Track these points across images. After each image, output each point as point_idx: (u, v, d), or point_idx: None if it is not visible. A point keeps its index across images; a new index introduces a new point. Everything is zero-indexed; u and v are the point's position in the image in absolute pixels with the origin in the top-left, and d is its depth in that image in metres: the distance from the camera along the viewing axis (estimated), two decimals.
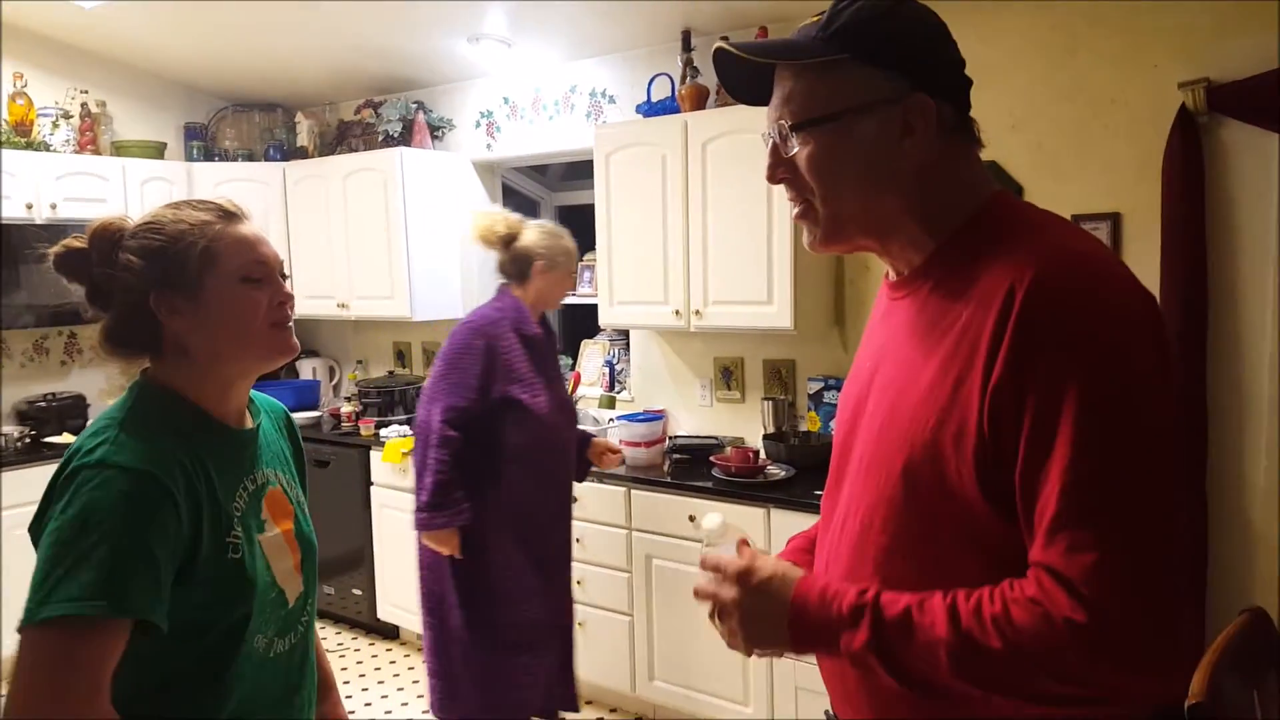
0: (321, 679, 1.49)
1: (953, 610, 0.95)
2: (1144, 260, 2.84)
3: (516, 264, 2.91)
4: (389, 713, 3.65)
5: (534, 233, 2.94)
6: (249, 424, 1.37)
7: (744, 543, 1.21)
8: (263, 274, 1.29)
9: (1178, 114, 2.73)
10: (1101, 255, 1.01)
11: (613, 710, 3.64)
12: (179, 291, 1.24)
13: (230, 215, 1.30)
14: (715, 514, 1.28)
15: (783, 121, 1.08)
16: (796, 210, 1.12)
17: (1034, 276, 0.93)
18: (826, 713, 1.25)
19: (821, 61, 1.04)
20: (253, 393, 1.41)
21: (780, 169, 1.10)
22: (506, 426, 2.80)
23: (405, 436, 4.16)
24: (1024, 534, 0.95)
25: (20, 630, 1.09)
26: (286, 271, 1.36)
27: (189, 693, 1.21)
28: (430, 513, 2.73)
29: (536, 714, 2.93)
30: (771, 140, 1.11)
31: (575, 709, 3.06)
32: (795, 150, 1.07)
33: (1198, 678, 1.64)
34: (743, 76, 1.13)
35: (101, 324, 1.28)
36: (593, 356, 4.32)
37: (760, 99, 1.13)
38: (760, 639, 1.09)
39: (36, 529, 1.17)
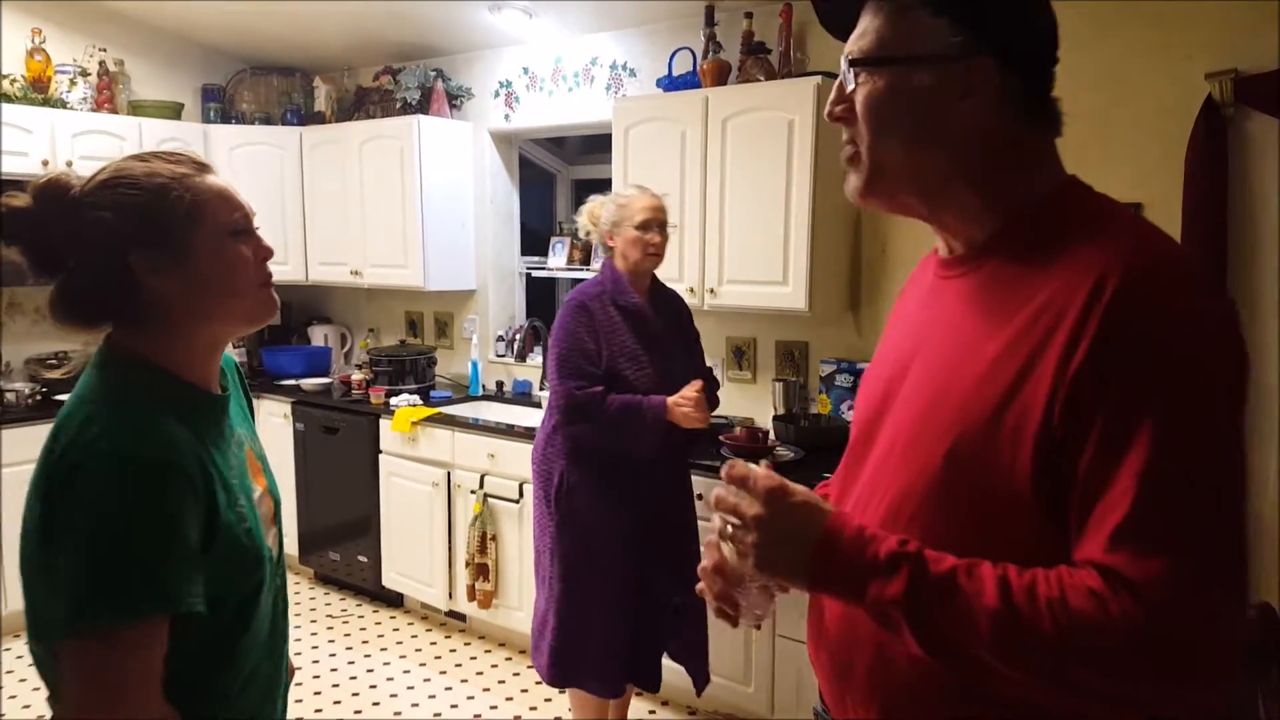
0: None
1: (1004, 582, 0.90)
2: None
3: (600, 237, 2.87)
4: (390, 679, 3.67)
5: (606, 201, 2.87)
6: (218, 390, 1.29)
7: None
8: (247, 227, 1.22)
9: (1204, 105, 2.69)
10: (1190, 259, 0.99)
11: None
12: (163, 250, 1.15)
13: (203, 167, 1.22)
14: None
15: (849, 56, 1.04)
16: (846, 153, 1.07)
17: (1127, 269, 0.90)
18: (815, 710, 1.21)
19: (898, 4, 1.00)
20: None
21: (839, 105, 1.06)
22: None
23: (415, 405, 4.17)
24: (1073, 529, 0.92)
25: (59, 642, 1.04)
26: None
27: (223, 655, 1.20)
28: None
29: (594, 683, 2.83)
30: (840, 76, 1.07)
31: (649, 688, 2.90)
32: (853, 88, 1.03)
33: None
34: (836, 6, 1.09)
35: (54, 289, 1.16)
36: None
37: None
38: (775, 565, 1.00)
39: (41, 525, 1.08)
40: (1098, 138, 2.93)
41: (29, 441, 3.96)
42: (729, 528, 1.05)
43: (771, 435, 3.43)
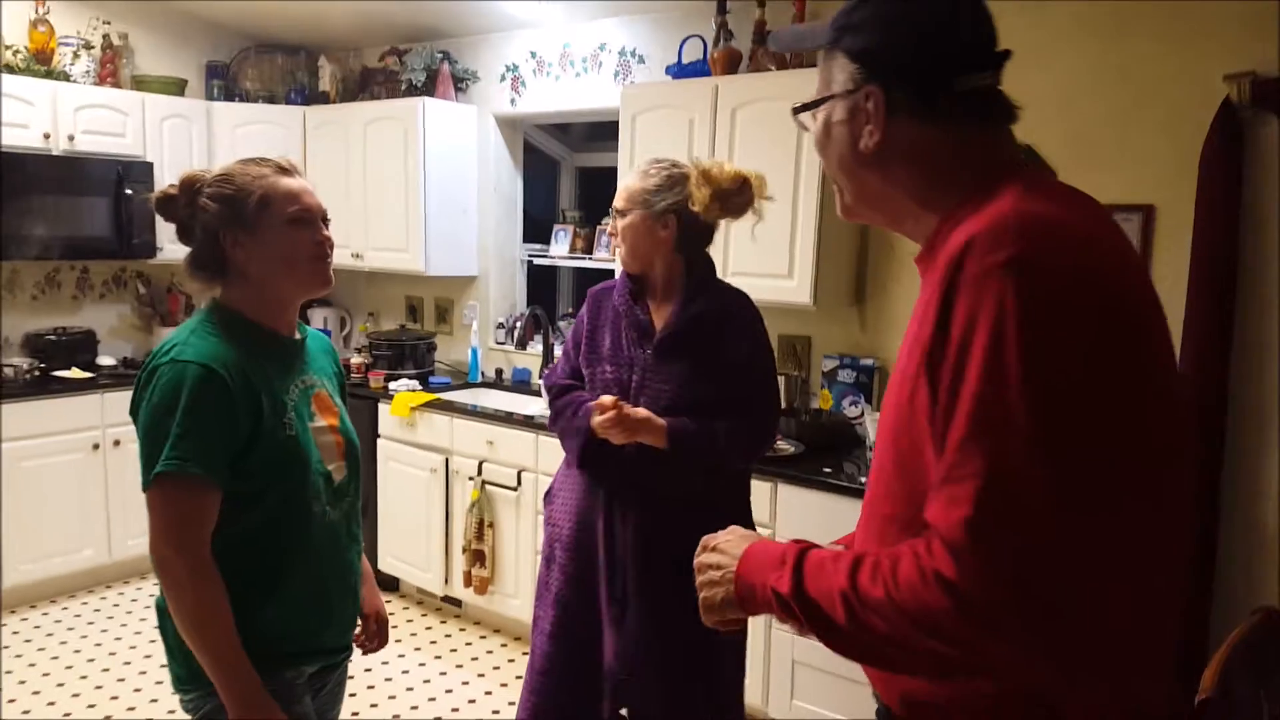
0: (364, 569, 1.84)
1: (855, 561, 0.98)
2: (1174, 256, 2.80)
3: None
4: (385, 663, 3.66)
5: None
6: (300, 337, 1.72)
7: None
8: (305, 218, 1.61)
9: (1220, 107, 2.66)
10: (1057, 213, 0.97)
11: None
12: (241, 228, 1.57)
13: (284, 170, 1.63)
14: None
15: (792, 106, 1.20)
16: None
17: (967, 238, 0.94)
18: (878, 711, 1.21)
19: (827, 54, 1.14)
20: (307, 328, 1.78)
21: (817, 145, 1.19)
22: None
23: (414, 390, 4.15)
24: None
25: (144, 492, 1.49)
26: (330, 218, 1.69)
27: (274, 540, 1.57)
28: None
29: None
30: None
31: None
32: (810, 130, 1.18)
33: (1208, 674, 1.63)
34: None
35: (188, 253, 1.63)
36: None
37: None
38: (712, 590, 1.16)
39: (135, 413, 1.53)
40: (1113, 138, 2.90)
41: (28, 416, 3.94)
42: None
43: None
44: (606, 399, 2.18)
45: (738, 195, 2.21)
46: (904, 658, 0.97)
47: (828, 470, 3.01)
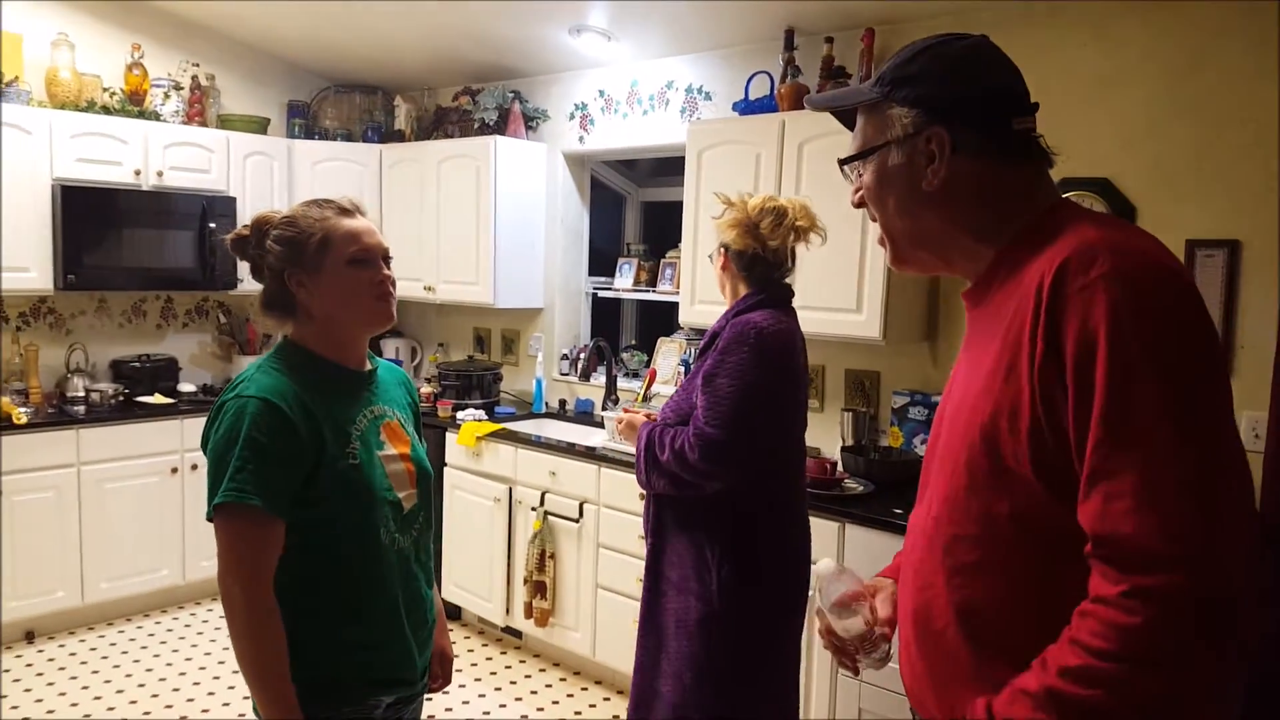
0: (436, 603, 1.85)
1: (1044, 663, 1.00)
2: (1262, 293, 2.71)
3: None
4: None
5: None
6: (370, 369, 1.75)
7: (859, 595, 1.35)
8: (365, 258, 1.64)
9: None
10: (1132, 238, 1.04)
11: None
12: (304, 270, 1.61)
13: (345, 211, 1.67)
14: (827, 559, 1.39)
15: (840, 159, 1.28)
16: (878, 236, 1.27)
17: (1061, 261, 1.01)
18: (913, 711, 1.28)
19: (868, 103, 1.21)
20: (381, 360, 1.82)
21: (855, 194, 1.26)
22: None
23: (481, 420, 4.20)
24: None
25: (209, 521, 1.53)
26: (392, 256, 1.71)
27: (345, 568, 1.60)
28: None
29: None
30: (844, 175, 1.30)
31: None
32: (857, 179, 1.25)
33: None
34: (849, 117, 1.29)
35: (261, 293, 1.68)
36: (669, 355, 4.29)
37: None
38: None
39: (205, 447, 1.59)
40: (1192, 169, 2.82)
41: (112, 439, 4.09)
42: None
43: (840, 467, 3.36)
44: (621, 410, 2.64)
45: (764, 221, 2.33)
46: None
47: (898, 511, 2.94)
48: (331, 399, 1.62)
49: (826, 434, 3.66)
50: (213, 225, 4.42)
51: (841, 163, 1.26)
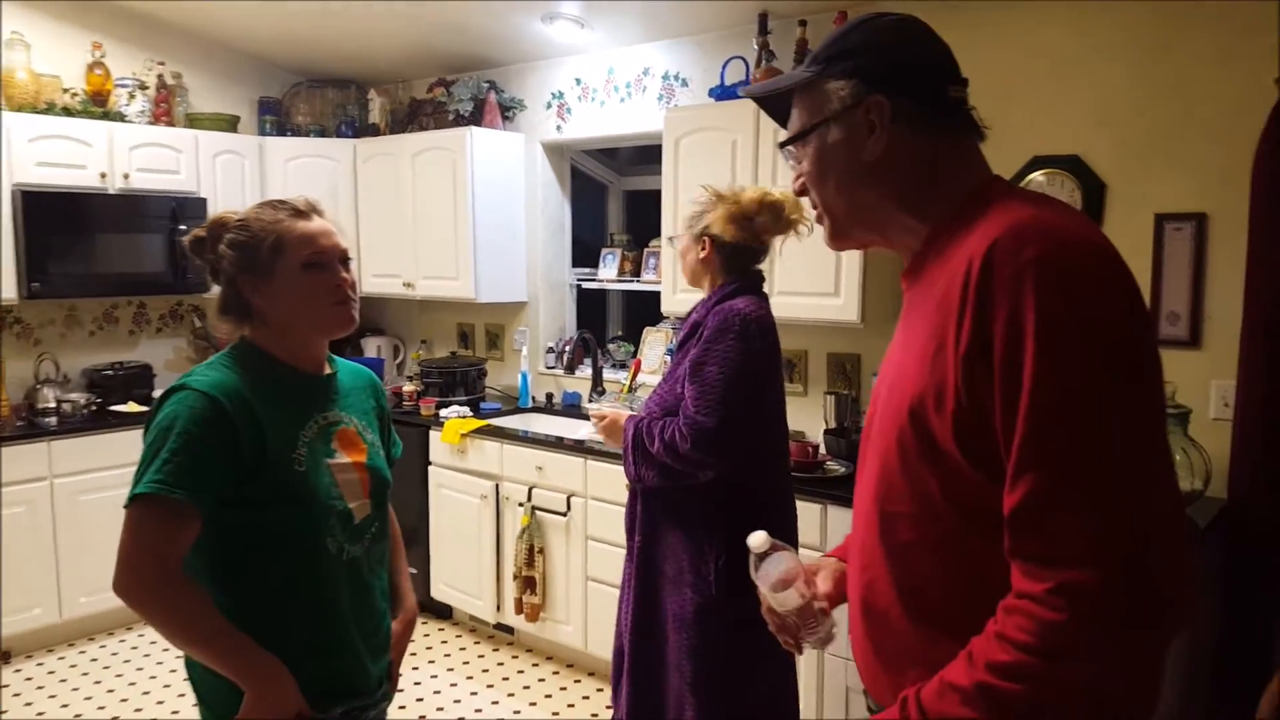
0: (397, 595, 1.84)
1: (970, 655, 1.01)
2: (1229, 266, 2.73)
3: None
4: (437, 692, 3.65)
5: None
6: (328, 373, 1.70)
7: (794, 570, 1.31)
8: (321, 261, 1.58)
9: (1272, 111, 2.56)
10: (1062, 219, 1.02)
11: None
12: (257, 275, 1.56)
13: (300, 213, 1.60)
14: (759, 532, 1.34)
15: (779, 143, 1.27)
16: (815, 215, 1.27)
17: (989, 243, 0.99)
18: (870, 708, 1.28)
19: (800, 85, 1.20)
20: (346, 362, 1.78)
21: (796, 181, 1.25)
22: None
23: (465, 417, 4.16)
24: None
25: (125, 509, 1.46)
26: (351, 257, 1.65)
27: (289, 574, 1.54)
28: None
29: None
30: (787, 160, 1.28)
31: None
32: (798, 165, 1.24)
33: (1265, 700, 1.69)
34: (782, 112, 1.27)
35: (217, 297, 1.64)
36: (654, 344, 4.26)
37: None
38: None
39: (145, 433, 1.52)
40: (1161, 147, 2.84)
41: (85, 450, 4.02)
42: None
43: (822, 449, 3.35)
44: (596, 413, 2.58)
45: (761, 216, 2.33)
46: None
47: None
48: (281, 402, 1.57)
49: (810, 418, 3.64)
50: (183, 227, 4.34)
51: (782, 145, 1.26)
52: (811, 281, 3.24)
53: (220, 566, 1.51)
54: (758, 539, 1.33)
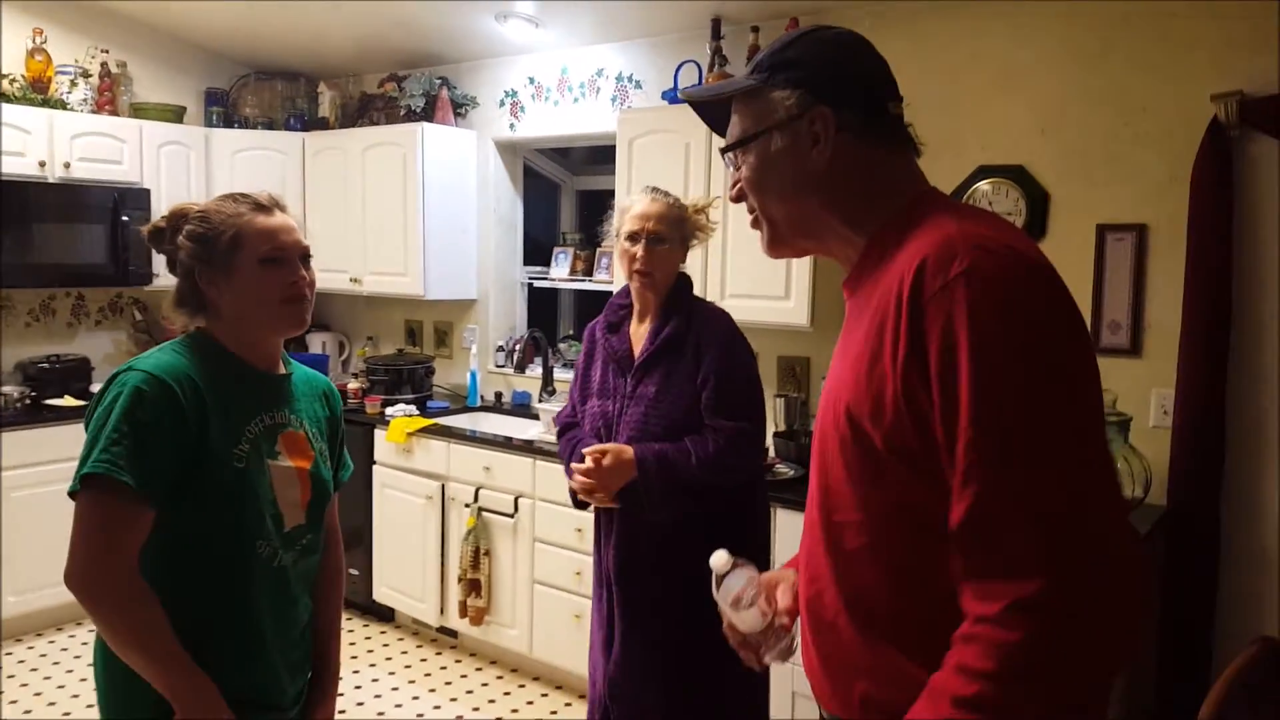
0: (323, 656, 1.75)
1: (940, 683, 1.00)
2: (1169, 275, 2.79)
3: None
4: (379, 696, 3.60)
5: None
6: (283, 373, 1.66)
7: (755, 586, 1.32)
8: (279, 257, 1.55)
9: (1209, 126, 2.64)
10: (992, 231, 1.04)
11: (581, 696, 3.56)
12: (215, 268, 1.54)
13: (262, 207, 1.58)
14: (721, 550, 1.34)
15: (721, 148, 1.27)
16: (750, 220, 1.26)
17: (920, 257, 1.01)
18: (822, 716, 1.27)
19: (743, 92, 1.21)
20: (303, 366, 1.74)
21: (734, 187, 1.25)
22: None
23: (411, 415, 4.11)
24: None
25: (70, 497, 1.42)
26: (312, 255, 1.63)
27: (213, 573, 1.50)
28: None
29: None
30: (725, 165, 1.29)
31: None
32: (735, 170, 1.24)
33: (1206, 705, 1.66)
34: (719, 119, 1.28)
35: (174, 287, 1.59)
36: None
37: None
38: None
39: (87, 424, 1.48)
40: (1102, 157, 2.90)
41: (20, 445, 3.91)
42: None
43: (772, 452, 3.36)
44: (579, 465, 2.27)
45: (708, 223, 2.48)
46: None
47: None
48: (230, 395, 1.53)
49: None
50: (125, 218, 4.24)
51: (723, 151, 1.26)
52: (761, 285, 3.25)
53: (143, 561, 1.44)
54: (720, 559, 1.33)
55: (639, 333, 2.39)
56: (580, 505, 2.41)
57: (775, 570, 1.42)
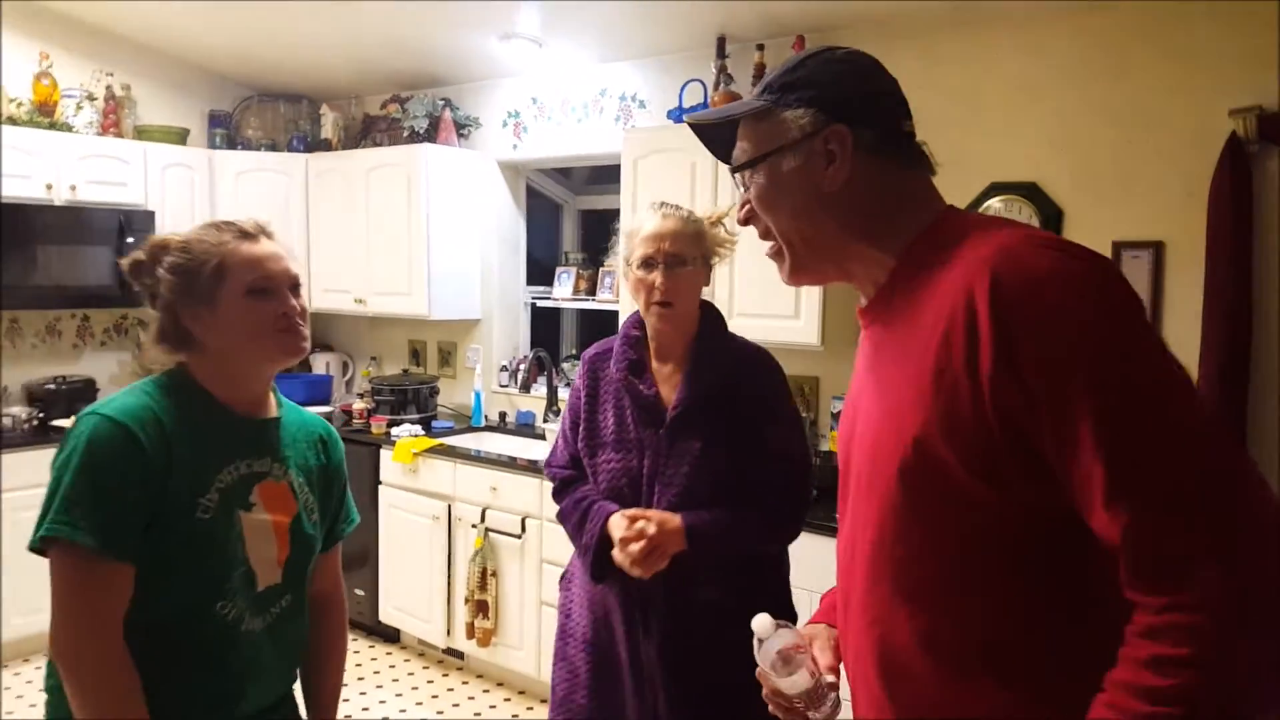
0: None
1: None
2: (1186, 292, 2.76)
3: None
4: (385, 718, 3.57)
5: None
6: (269, 417, 1.54)
7: (799, 646, 1.24)
8: (267, 286, 1.45)
9: (1227, 141, 2.64)
10: (1045, 235, 1.04)
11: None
12: (198, 301, 1.43)
13: (247, 234, 1.48)
14: (764, 614, 1.27)
15: (731, 167, 1.23)
16: (769, 249, 1.22)
17: (989, 266, 0.97)
18: None
19: (754, 112, 1.18)
20: (299, 409, 1.62)
21: (743, 209, 1.22)
22: None
23: (417, 436, 4.10)
24: (1083, 512, 0.95)
25: (31, 552, 1.35)
26: (301, 283, 1.53)
27: (170, 636, 1.37)
28: None
29: None
30: (735, 186, 1.25)
31: None
32: (745, 191, 1.21)
33: None
34: (721, 141, 1.25)
35: (154, 321, 1.49)
36: None
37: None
38: None
39: (52, 465, 1.39)
40: (1117, 173, 2.88)
41: (27, 465, 3.89)
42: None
43: None
44: (626, 530, 1.86)
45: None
46: None
47: (837, 515, 2.94)
48: (201, 439, 1.41)
49: None
50: (130, 240, 4.23)
51: (733, 171, 1.22)
52: (770, 304, 3.24)
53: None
54: (764, 623, 1.25)
55: (662, 374, 2.03)
56: (599, 578, 1.98)
57: (805, 628, 1.34)
